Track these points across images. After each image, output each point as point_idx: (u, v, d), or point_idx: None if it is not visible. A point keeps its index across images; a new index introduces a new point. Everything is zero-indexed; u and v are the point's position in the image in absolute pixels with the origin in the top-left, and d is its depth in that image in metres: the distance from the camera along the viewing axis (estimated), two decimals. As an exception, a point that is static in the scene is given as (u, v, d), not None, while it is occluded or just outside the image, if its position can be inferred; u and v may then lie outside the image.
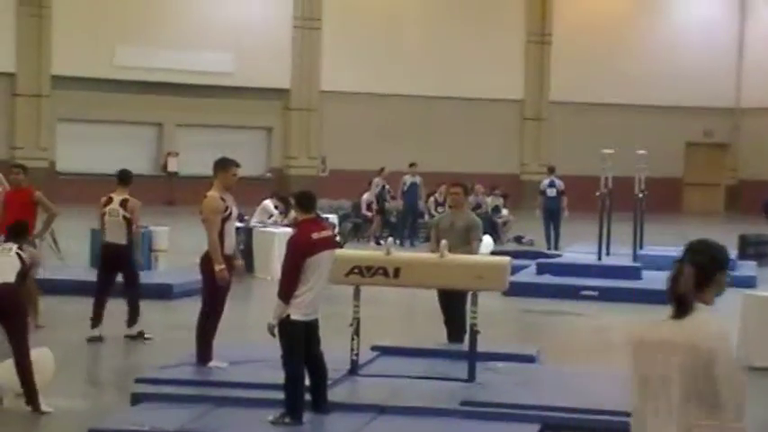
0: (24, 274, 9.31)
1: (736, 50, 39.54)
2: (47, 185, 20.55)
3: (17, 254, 9.24)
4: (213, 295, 10.49)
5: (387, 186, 26.37)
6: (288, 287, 8.61)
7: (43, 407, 9.05)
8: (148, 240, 17.91)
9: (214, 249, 10.37)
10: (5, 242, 9.58)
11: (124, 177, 13.24)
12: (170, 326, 13.29)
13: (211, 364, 10.29)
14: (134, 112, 34.64)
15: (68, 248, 18.71)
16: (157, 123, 35.66)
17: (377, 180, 26.29)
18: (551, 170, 25.39)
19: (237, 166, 10.89)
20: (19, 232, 9.71)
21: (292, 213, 15.38)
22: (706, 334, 4.32)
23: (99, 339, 12.37)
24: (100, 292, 12.67)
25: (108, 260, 12.86)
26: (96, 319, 12.49)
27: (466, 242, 11.40)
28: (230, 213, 10.56)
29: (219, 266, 10.30)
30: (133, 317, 12.66)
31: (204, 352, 10.36)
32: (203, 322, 10.51)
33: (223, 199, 10.58)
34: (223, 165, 10.82)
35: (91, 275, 16.72)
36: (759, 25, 39.25)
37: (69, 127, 34.15)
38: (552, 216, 24.22)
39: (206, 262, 10.46)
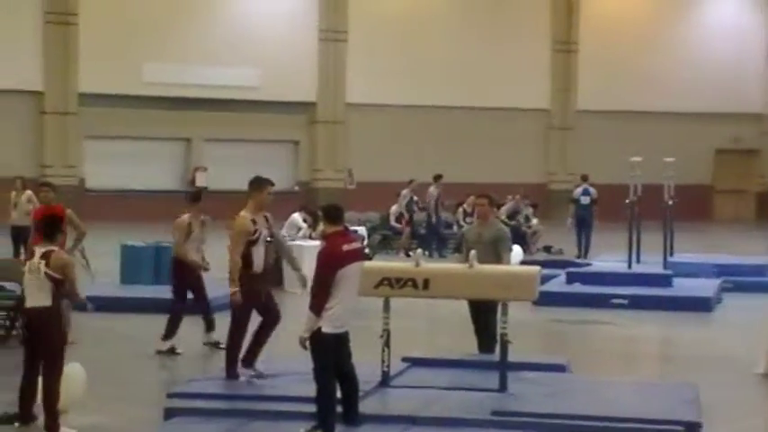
0: (59, 292, 9.00)
1: (764, 56, 39.33)
2: (76, 203, 20.65)
3: (46, 274, 8.90)
4: (239, 310, 10.54)
5: (415, 198, 26.37)
6: (319, 300, 8.62)
7: (63, 430, 8.84)
8: (178, 255, 17.96)
9: (233, 270, 10.47)
10: (41, 246, 9.10)
11: (195, 197, 13.63)
12: (202, 340, 13.30)
13: (241, 378, 10.33)
14: (162, 127, 34.80)
15: (99, 266, 18.80)
16: (185, 139, 35.81)
17: (405, 192, 26.29)
18: (585, 178, 25.37)
19: (272, 185, 10.92)
20: (53, 226, 9.23)
21: (321, 226, 15.39)
22: None
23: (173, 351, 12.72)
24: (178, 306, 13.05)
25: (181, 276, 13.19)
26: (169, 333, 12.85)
27: (494, 254, 11.39)
28: (259, 236, 10.58)
29: (234, 289, 10.41)
30: (210, 325, 13.00)
31: (232, 367, 10.41)
32: (232, 336, 10.58)
33: (254, 221, 10.61)
34: (258, 184, 10.84)
35: (120, 291, 16.88)
36: (787, 30, 39.06)
37: (97, 144, 34.33)
38: (584, 224, 24.23)
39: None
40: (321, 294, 8.61)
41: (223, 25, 35.68)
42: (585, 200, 24.53)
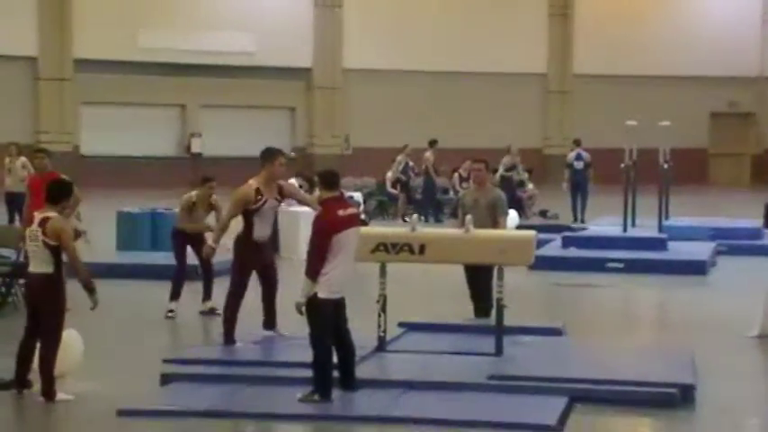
0: (60, 259, 8.91)
1: (760, 19, 39.23)
2: (71, 169, 20.63)
3: (43, 242, 8.83)
4: (237, 276, 10.62)
5: (410, 163, 26.36)
6: (315, 265, 8.65)
7: (60, 396, 8.87)
8: (174, 222, 17.96)
9: (219, 228, 11.00)
10: (41, 211, 8.98)
11: (205, 179, 13.42)
12: (199, 306, 13.33)
13: (238, 344, 10.40)
14: (157, 94, 34.74)
15: (95, 232, 18.81)
16: (181, 105, 35.75)
17: (400, 158, 26.28)
18: (578, 143, 25.64)
19: (284, 155, 10.93)
20: (60, 191, 9.13)
21: (317, 192, 15.40)
22: None
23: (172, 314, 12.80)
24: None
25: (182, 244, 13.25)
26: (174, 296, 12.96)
27: (491, 218, 11.44)
28: (261, 205, 10.58)
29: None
30: (208, 293, 13.00)
31: (229, 334, 10.50)
32: (228, 302, 10.66)
33: (259, 190, 10.61)
34: (269, 155, 10.82)
35: (117, 258, 16.91)
36: (783, -7, 38.95)
37: (93, 110, 34.28)
38: (578, 188, 24.43)
39: (237, 243, 10.60)
40: (316, 260, 8.64)
41: (218, -10, 35.55)
42: (579, 164, 24.85)
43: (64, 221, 9.17)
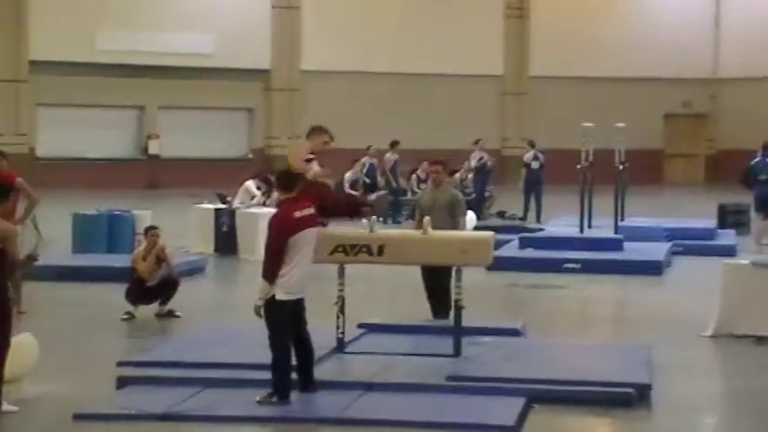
0: (3, 261, 8.44)
1: (713, 20, 39.60)
2: (27, 171, 20.45)
3: None
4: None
5: (375, 164, 26.39)
6: (271, 267, 8.64)
7: (5, 407, 8.50)
8: (132, 224, 17.91)
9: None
10: None
11: None
12: (156, 308, 13.27)
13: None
14: (115, 95, 34.52)
15: (50, 234, 18.67)
16: (139, 106, 35.56)
17: (365, 159, 26.27)
18: (533, 144, 26.14)
19: (332, 138, 10.46)
20: None
21: (275, 194, 15.38)
22: None
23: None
24: None
25: None
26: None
27: (449, 219, 11.47)
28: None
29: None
30: (167, 298, 12.95)
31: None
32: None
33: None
34: (317, 130, 10.44)
35: (72, 260, 16.79)
36: (736, -5, 39.36)
37: (49, 112, 34.03)
38: (534, 188, 24.85)
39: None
40: (273, 261, 8.63)
41: (176, -9, 35.41)
42: (536, 164, 25.41)
43: (9, 224, 8.90)
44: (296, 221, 8.70)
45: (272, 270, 8.63)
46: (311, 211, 8.97)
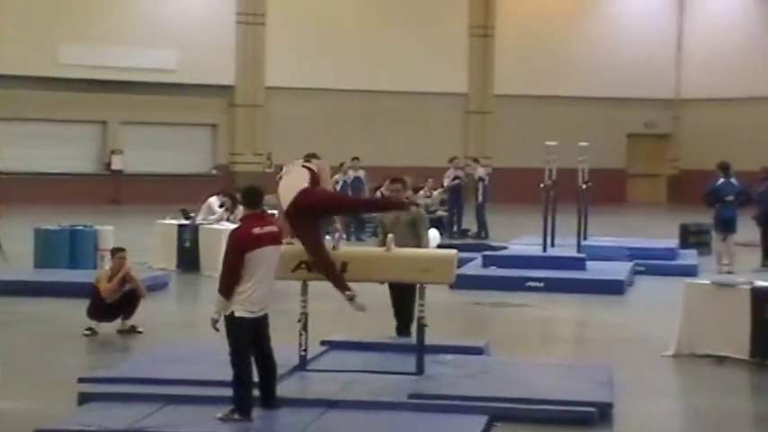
0: None
1: (676, 42, 39.97)
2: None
3: None
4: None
5: (348, 181, 26.36)
6: (227, 282, 8.62)
7: None
8: (94, 240, 17.81)
9: None
10: None
11: None
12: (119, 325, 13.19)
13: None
14: (77, 110, 34.39)
15: (12, 249, 18.55)
16: (101, 121, 35.42)
17: (338, 176, 26.26)
18: (477, 161, 28.09)
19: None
20: None
21: (240, 210, 15.33)
22: None
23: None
24: None
25: None
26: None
27: (412, 236, 11.48)
28: None
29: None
30: (129, 313, 12.92)
31: None
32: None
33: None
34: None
35: (34, 275, 16.67)
36: (697, 17, 39.73)
37: (11, 127, 33.79)
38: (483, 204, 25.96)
39: None
40: (228, 276, 8.62)
41: (140, 7, 35.31)
42: (486, 180, 26.38)
43: None
44: (255, 238, 8.68)
45: (227, 285, 8.62)
46: (273, 228, 8.95)
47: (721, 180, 19.27)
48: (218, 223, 18.92)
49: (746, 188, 19.64)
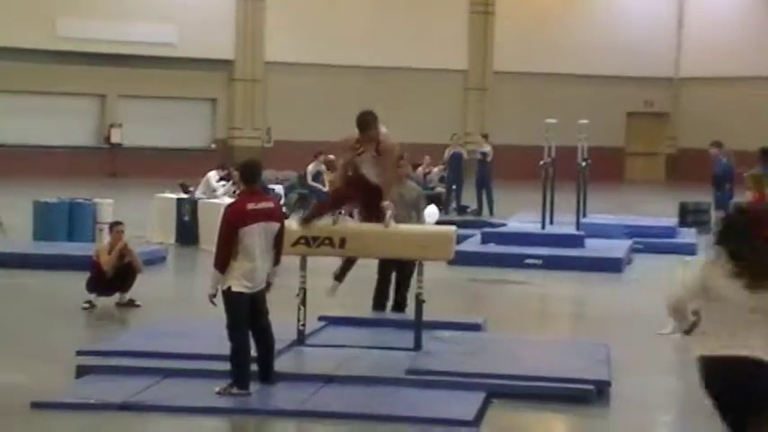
0: None
1: (676, 21, 39.86)
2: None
3: None
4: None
5: None
6: (221, 256, 8.64)
7: None
8: (93, 213, 17.80)
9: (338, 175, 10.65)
10: None
11: None
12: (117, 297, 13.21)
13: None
14: (76, 83, 34.30)
15: (11, 222, 18.55)
16: (100, 95, 35.34)
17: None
18: (486, 137, 27.09)
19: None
20: None
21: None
22: None
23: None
24: None
25: None
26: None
27: (414, 214, 11.57)
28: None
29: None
30: (128, 286, 12.93)
31: None
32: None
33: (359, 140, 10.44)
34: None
35: (32, 248, 16.67)
36: (698, -5, 39.65)
37: (9, 99, 33.72)
38: (486, 181, 25.63)
39: None
40: (222, 251, 8.65)
41: (140, -20, 35.19)
42: (489, 158, 25.90)
43: None
44: (248, 213, 8.67)
45: (221, 259, 8.64)
46: (269, 204, 8.92)
47: (724, 160, 19.30)
48: (222, 198, 18.87)
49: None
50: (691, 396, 9.93)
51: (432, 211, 18.79)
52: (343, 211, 10.43)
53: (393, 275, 11.62)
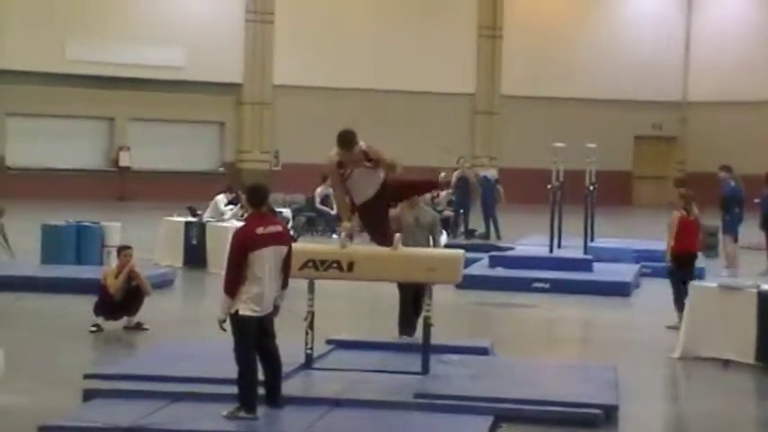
0: None
1: (684, 45, 39.91)
2: (-4, 181, 20.37)
3: None
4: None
5: None
6: (231, 281, 8.63)
7: None
8: (101, 236, 17.82)
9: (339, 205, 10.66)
10: None
11: None
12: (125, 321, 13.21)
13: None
14: (85, 106, 34.41)
15: (19, 244, 18.58)
16: (109, 118, 35.45)
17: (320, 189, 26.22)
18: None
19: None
20: None
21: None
22: None
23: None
24: None
25: None
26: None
27: (428, 238, 11.62)
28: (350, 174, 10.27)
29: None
30: (135, 310, 12.95)
31: None
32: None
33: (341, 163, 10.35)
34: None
35: (40, 271, 16.68)
36: (705, 19, 39.67)
37: (19, 122, 33.85)
38: (490, 205, 25.53)
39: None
40: (232, 275, 8.63)
41: (149, 4, 35.34)
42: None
43: None
44: (257, 237, 8.67)
45: (231, 284, 8.62)
46: (277, 228, 8.93)
47: (732, 183, 19.31)
48: (230, 221, 18.88)
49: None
50: (698, 421, 9.91)
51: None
52: (358, 228, 10.39)
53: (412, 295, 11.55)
